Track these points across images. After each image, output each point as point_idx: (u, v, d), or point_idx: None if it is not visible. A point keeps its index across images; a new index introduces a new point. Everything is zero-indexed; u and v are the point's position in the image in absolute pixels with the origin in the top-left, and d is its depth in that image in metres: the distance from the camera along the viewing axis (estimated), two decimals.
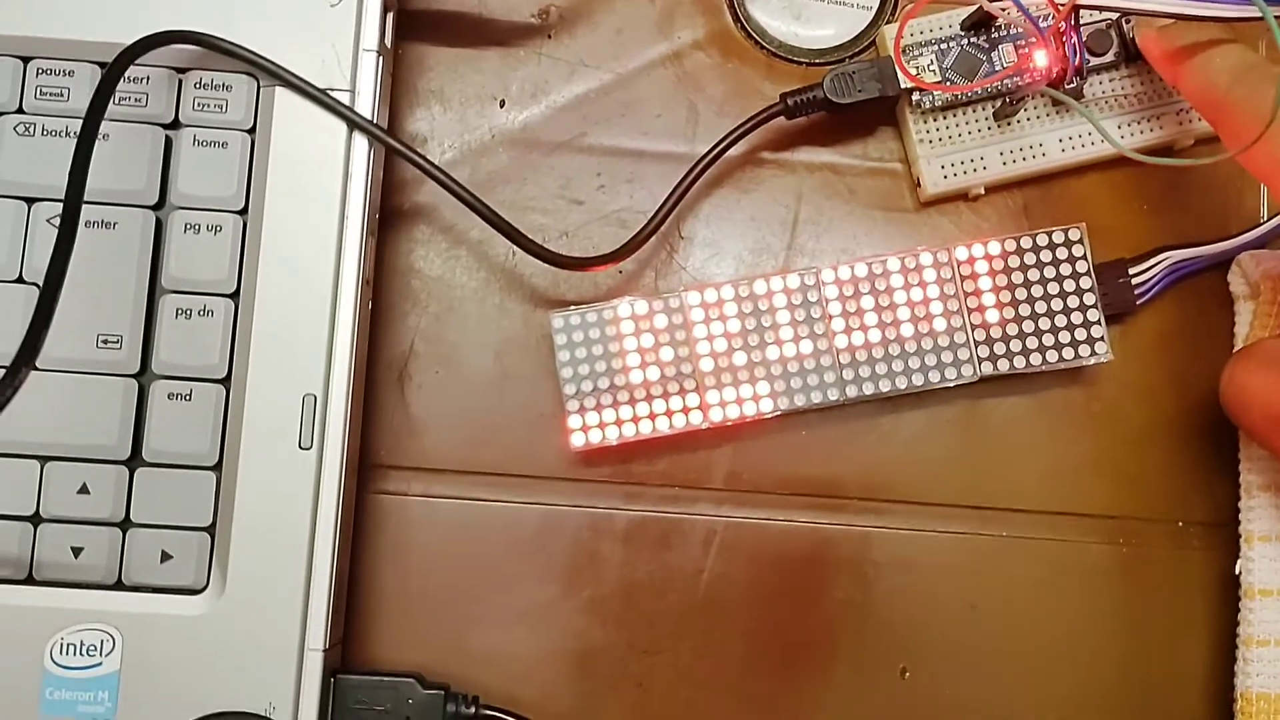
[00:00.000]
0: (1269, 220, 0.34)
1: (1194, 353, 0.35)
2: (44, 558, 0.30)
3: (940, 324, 0.33)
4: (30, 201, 0.31)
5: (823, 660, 0.34)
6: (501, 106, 0.35)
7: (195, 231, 0.31)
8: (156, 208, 0.31)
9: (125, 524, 0.30)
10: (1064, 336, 0.33)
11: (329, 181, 0.31)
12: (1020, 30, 0.34)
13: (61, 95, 0.31)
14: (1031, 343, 0.33)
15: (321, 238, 0.31)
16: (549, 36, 0.36)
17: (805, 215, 0.35)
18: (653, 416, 0.32)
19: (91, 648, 0.30)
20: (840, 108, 0.33)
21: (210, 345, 0.31)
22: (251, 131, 0.31)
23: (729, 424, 0.33)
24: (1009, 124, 0.34)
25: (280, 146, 0.31)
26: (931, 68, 0.34)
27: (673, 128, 0.35)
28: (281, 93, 0.31)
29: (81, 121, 0.29)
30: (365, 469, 0.34)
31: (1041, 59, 0.32)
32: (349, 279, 0.31)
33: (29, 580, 0.30)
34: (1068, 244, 0.33)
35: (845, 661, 0.34)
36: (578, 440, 0.32)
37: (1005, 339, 0.33)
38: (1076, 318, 0.33)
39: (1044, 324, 0.33)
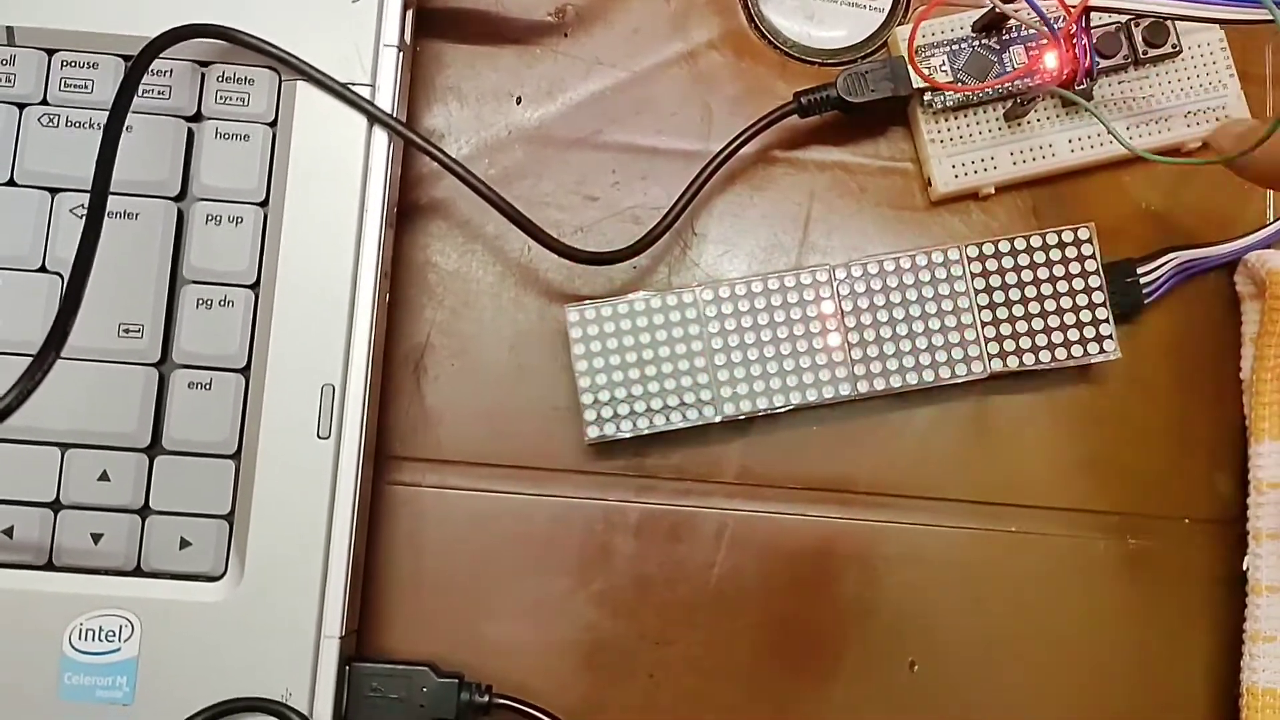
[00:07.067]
0: (1275, 221, 0.35)
1: (1200, 352, 0.35)
2: (64, 544, 0.30)
3: (950, 321, 0.33)
4: (53, 192, 0.31)
5: (832, 653, 0.34)
6: (518, 103, 0.36)
7: (216, 223, 0.31)
8: (178, 199, 0.32)
9: (145, 511, 0.31)
10: (1073, 334, 0.33)
11: (349, 175, 0.31)
12: (1031, 32, 0.34)
13: (85, 87, 0.31)
14: (1040, 340, 0.33)
15: (341, 230, 0.31)
16: (565, 35, 0.36)
17: (817, 213, 0.36)
18: (666, 410, 0.33)
19: (110, 633, 0.30)
20: (853, 107, 0.34)
21: (230, 335, 0.31)
22: (273, 125, 0.32)
23: (741, 418, 0.33)
24: (1019, 124, 0.35)
25: (301, 140, 0.31)
26: (943, 68, 0.34)
27: (687, 126, 0.36)
28: (303, 87, 0.31)
29: (107, 114, 0.29)
30: (380, 460, 0.34)
31: (1052, 60, 0.33)
32: (368, 271, 0.31)
33: (49, 566, 0.30)
34: (1077, 243, 0.33)
35: (854, 654, 0.34)
36: (591, 433, 0.33)
37: (1015, 336, 0.33)
38: (1085, 316, 0.33)
39: (1053, 322, 0.33)
